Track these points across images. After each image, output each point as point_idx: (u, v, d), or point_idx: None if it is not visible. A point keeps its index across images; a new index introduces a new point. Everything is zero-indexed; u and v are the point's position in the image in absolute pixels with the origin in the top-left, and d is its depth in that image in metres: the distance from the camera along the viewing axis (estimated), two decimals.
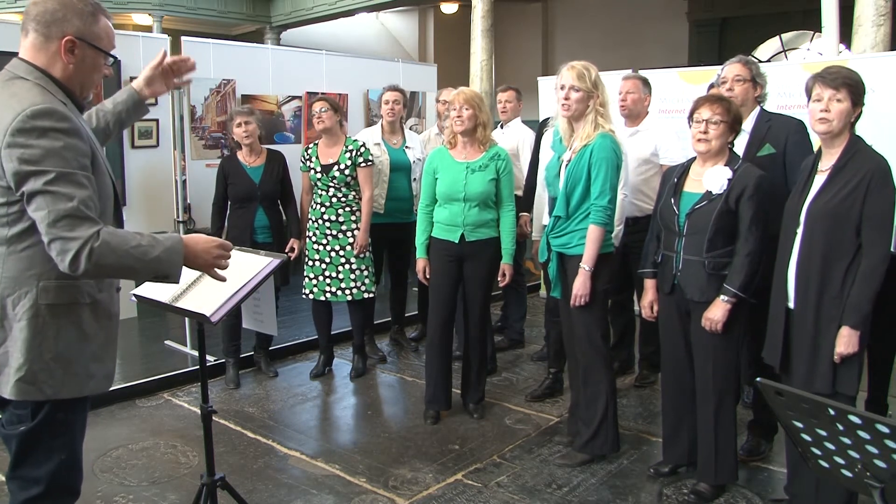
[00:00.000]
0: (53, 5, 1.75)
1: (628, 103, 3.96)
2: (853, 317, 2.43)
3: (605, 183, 3.04)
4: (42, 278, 1.72)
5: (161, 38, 4.89)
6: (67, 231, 1.62)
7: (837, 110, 2.47)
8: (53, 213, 1.62)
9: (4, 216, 1.70)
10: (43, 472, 1.78)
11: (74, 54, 1.77)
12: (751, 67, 3.15)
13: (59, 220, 1.62)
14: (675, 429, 3.10)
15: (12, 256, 1.71)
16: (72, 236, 1.62)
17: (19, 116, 1.63)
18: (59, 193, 1.62)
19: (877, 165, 2.44)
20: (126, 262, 1.69)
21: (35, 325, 1.72)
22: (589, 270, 3.08)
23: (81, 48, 1.77)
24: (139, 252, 1.71)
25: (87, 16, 1.78)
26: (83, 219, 1.64)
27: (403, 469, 3.26)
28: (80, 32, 1.76)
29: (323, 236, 4.26)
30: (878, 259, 2.42)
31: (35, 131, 1.63)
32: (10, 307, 1.72)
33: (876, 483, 1.49)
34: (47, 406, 1.76)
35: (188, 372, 4.39)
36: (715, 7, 11.61)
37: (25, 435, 1.76)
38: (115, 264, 1.68)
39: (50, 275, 1.72)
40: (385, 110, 4.63)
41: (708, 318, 2.79)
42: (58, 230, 1.62)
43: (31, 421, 1.75)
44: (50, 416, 1.77)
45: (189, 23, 11.77)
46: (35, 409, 1.75)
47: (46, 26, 1.74)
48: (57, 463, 1.79)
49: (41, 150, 1.63)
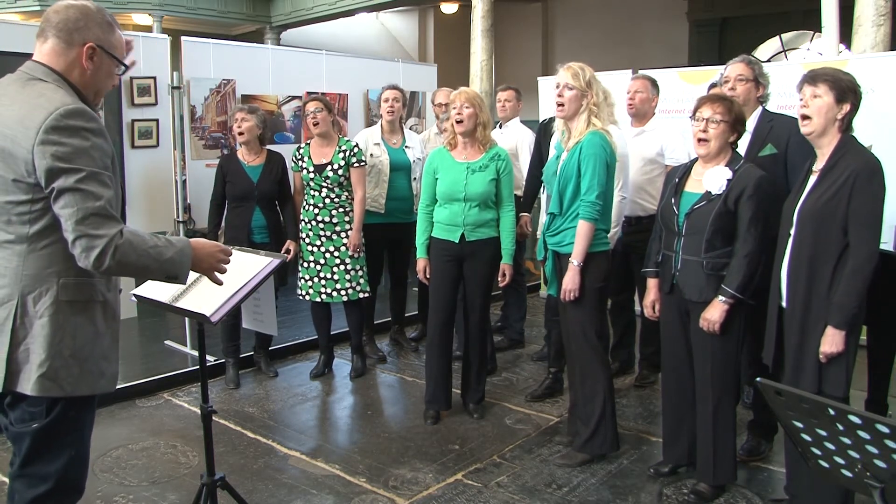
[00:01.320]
0: (75, 14, 1.83)
1: (636, 102, 3.96)
2: (837, 316, 2.42)
3: (594, 179, 3.05)
4: (62, 275, 1.77)
5: (161, 37, 4.89)
6: (94, 229, 1.69)
7: (816, 106, 2.44)
8: (82, 211, 1.68)
9: (27, 213, 1.74)
10: (53, 468, 1.83)
11: (94, 61, 1.85)
12: (754, 67, 3.15)
13: (86, 217, 1.68)
14: (675, 429, 3.10)
15: (33, 255, 1.76)
16: (98, 234, 1.69)
17: (53, 115, 1.69)
18: (87, 192, 1.69)
19: (863, 164, 2.40)
20: (144, 261, 1.77)
21: (56, 322, 1.77)
22: (578, 266, 3.09)
23: (100, 56, 1.86)
24: (156, 252, 1.79)
25: (106, 26, 1.88)
26: (108, 217, 1.71)
27: (403, 469, 3.26)
28: (99, 41, 1.86)
29: (317, 238, 4.26)
30: (863, 259, 2.39)
31: (68, 130, 1.70)
32: (31, 304, 1.76)
33: (876, 483, 1.49)
34: (61, 403, 1.80)
35: (188, 372, 4.39)
36: (715, 7, 11.61)
37: (39, 432, 1.80)
38: (136, 263, 1.76)
39: (69, 272, 1.77)
40: (384, 108, 4.63)
41: (705, 319, 2.79)
42: (85, 227, 1.68)
43: (45, 418, 1.79)
44: (63, 414, 1.81)
45: (189, 23, 11.77)
46: (50, 406, 1.79)
47: (69, 33, 1.82)
48: (67, 459, 1.84)
49: (73, 148, 1.69)
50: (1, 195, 1.74)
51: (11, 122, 1.71)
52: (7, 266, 1.76)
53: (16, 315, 1.75)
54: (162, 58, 4.67)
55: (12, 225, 1.75)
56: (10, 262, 1.76)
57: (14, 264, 1.75)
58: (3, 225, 1.76)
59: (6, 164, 1.72)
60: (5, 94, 1.79)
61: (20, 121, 1.71)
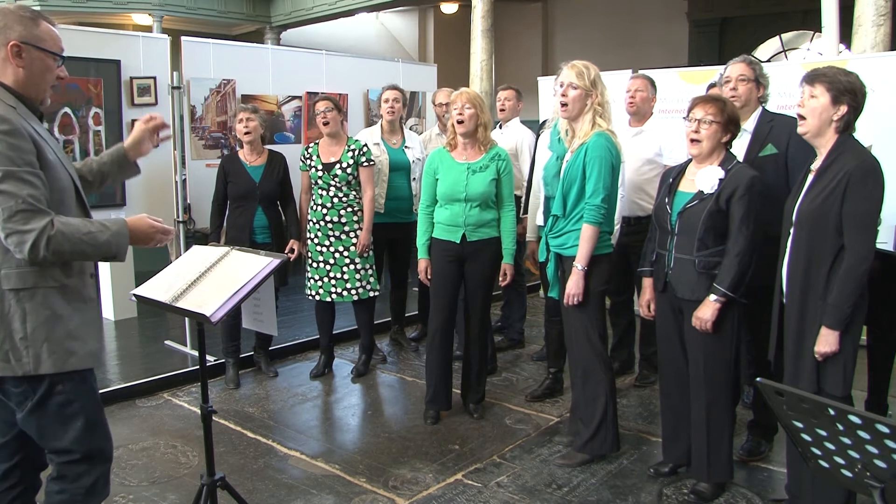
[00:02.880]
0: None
1: (637, 101, 3.95)
2: (831, 317, 2.42)
3: (599, 182, 3.04)
4: (3, 267, 1.88)
5: (161, 37, 4.88)
6: (22, 224, 1.79)
7: (811, 107, 2.44)
8: (7, 210, 1.79)
9: None
10: (67, 441, 1.98)
11: (22, 58, 1.89)
12: (754, 67, 3.15)
13: (13, 215, 1.79)
14: (675, 428, 3.10)
15: None
16: (27, 229, 1.79)
17: None
18: (8, 192, 1.78)
19: (858, 164, 2.39)
20: (80, 247, 1.88)
21: (2, 309, 1.89)
22: (582, 269, 3.08)
23: (28, 51, 1.90)
24: (90, 238, 1.90)
25: (28, 20, 1.90)
26: (35, 211, 1.81)
27: (403, 469, 3.26)
28: (22, 37, 1.88)
29: (325, 237, 4.26)
30: (858, 259, 2.39)
31: None
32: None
33: (876, 483, 1.49)
34: (45, 382, 1.93)
35: (188, 372, 4.39)
36: (715, 7, 11.61)
37: (34, 411, 1.94)
38: (71, 250, 1.87)
39: (10, 264, 1.88)
40: (385, 108, 4.63)
41: (698, 318, 2.80)
42: (14, 224, 1.79)
43: (34, 397, 1.94)
44: (50, 390, 1.95)
45: (189, 23, 11.77)
46: (34, 386, 1.93)
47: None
48: (77, 430, 1.98)
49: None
50: None
51: None
52: None
53: None
54: (162, 58, 4.67)
55: None
56: None
57: None
58: None
59: None
60: None
61: None
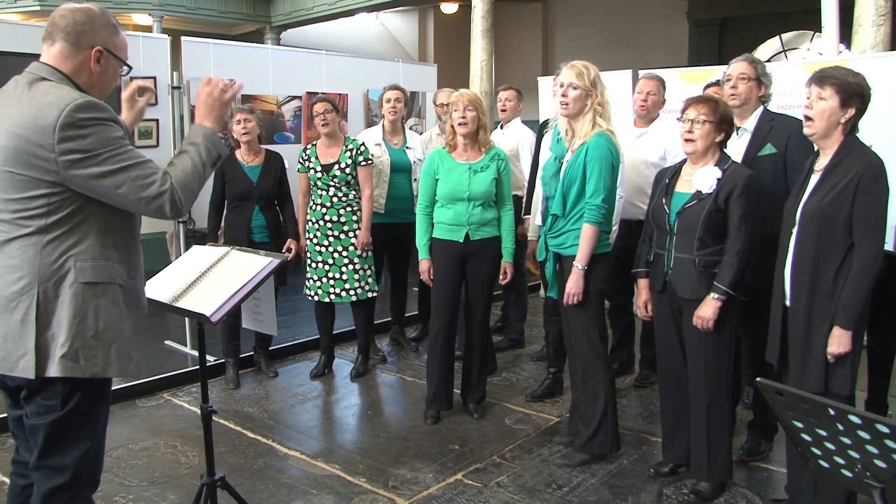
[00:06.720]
0: (82, 18, 1.89)
1: (648, 104, 3.93)
2: (844, 317, 2.42)
3: (599, 182, 3.04)
4: (79, 259, 1.84)
5: (161, 37, 4.89)
6: (147, 191, 1.83)
7: (819, 109, 2.44)
8: (133, 186, 1.81)
9: (45, 206, 1.80)
10: (69, 460, 1.90)
11: (101, 63, 1.93)
12: (756, 66, 3.15)
13: (139, 189, 1.82)
14: (675, 428, 3.10)
15: (50, 245, 1.82)
16: (156, 193, 1.84)
17: (65, 111, 1.75)
18: (121, 168, 1.80)
19: (867, 165, 2.40)
20: (198, 176, 1.94)
21: (76, 304, 1.83)
22: (582, 269, 3.09)
23: (107, 58, 1.94)
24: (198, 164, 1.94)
25: (111, 28, 1.95)
26: (150, 175, 1.85)
27: (403, 469, 3.26)
28: (105, 43, 1.93)
29: (325, 237, 4.26)
30: (869, 259, 2.40)
31: (83, 123, 1.77)
32: (51, 290, 1.82)
33: (876, 483, 1.49)
34: (77, 396, 1.86)
35: (188, 372, 4.39)
36: (715, 7, 11.60)
37: (55, 424, 1.86)
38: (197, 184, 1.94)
39: (85, 256, 1.84)
40: (387, 108, 4.64)
41: (699, 317, 2.80)
42: (146, 195, 1.83)
43: (61, 410, 1.85)
44: (78, 405, 1.87)
45: (189, 23, 11.76)
46: (65, 398, 1.85)
47: (77, 37, 1.89)
48: (83, 451, 1.91)
49: (92, 138, 1.77)
50: (16, 192, 1.79)
51: (24, 122, 1.77)
52: (24, 257, 1.81)
53: (38, 302, 1.80)
54: (162, 58, 4.67)
55: (29, 219, 1.80)
56: (26, 252, 1.81)
57: (30, 254, 1.81)
58: (20, 220, 1.81)
59: (21, 162, 1.77)
60: (12, 96, 1.84)
61: (33, 120, 1.76)
